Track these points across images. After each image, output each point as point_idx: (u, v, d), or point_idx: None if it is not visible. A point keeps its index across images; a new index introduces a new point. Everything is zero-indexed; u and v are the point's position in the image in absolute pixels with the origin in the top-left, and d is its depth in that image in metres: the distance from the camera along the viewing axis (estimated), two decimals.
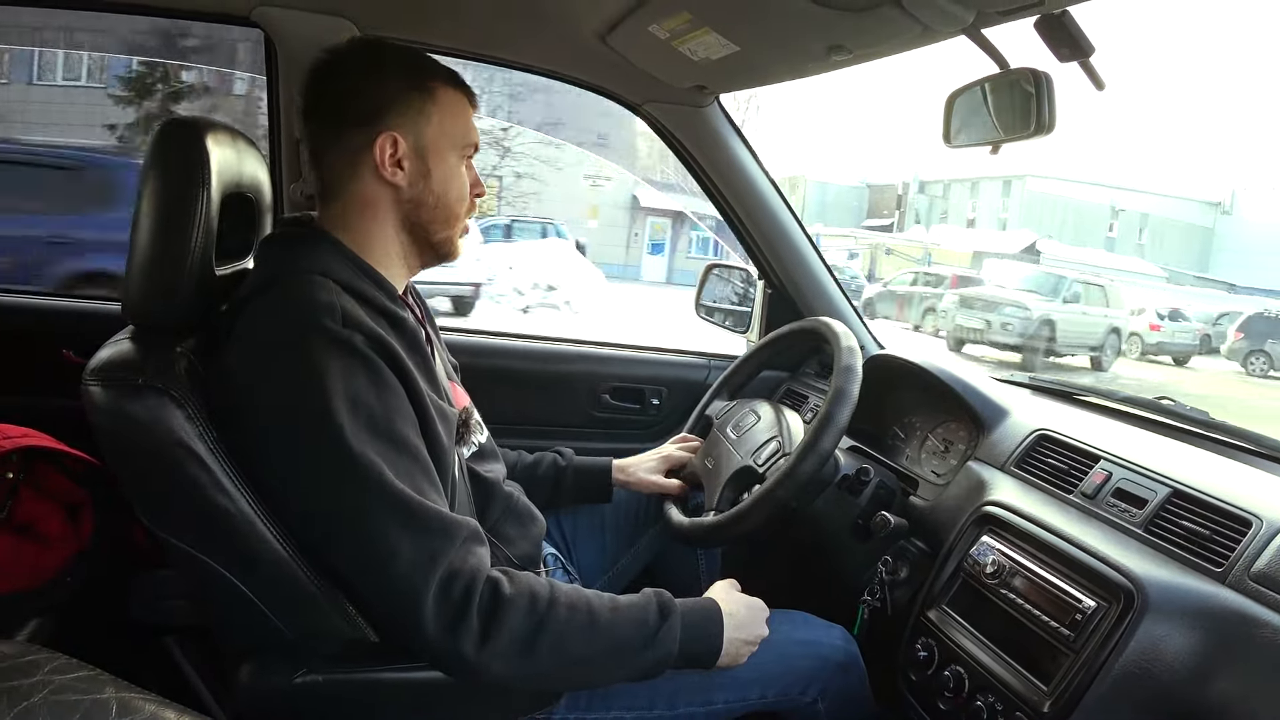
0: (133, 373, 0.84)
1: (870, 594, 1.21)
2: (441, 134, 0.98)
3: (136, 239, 0.90)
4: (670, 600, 0.96)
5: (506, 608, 0.85)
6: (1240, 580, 0.88)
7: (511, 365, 1.77)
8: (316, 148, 0.98)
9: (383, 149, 0.95)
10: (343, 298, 0.89)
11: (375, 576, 0.85)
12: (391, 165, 0.96)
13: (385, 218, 0.99)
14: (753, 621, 1.03)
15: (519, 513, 1.15)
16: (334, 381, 0.84)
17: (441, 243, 1.02)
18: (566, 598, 0.89)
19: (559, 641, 0.87)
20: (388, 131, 0.95)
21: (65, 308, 1.62)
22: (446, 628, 0.83)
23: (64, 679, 0.40)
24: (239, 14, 1.37)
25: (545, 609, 0.87)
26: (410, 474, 0.87)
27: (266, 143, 1.44)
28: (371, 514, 0.83)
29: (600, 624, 0.90)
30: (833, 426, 1.14)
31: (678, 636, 0.93)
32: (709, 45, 1.24)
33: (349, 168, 0.97)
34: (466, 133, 1.01)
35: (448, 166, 0.99)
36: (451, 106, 0.99)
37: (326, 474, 0.84)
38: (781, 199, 1.69)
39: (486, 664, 0.84)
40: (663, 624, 0.93)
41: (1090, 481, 1.11)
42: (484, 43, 1.50)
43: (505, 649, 0.84)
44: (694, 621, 0.96)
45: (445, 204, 1.00)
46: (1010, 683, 0.95)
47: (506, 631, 0.84)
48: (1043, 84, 0.99)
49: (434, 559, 0.83)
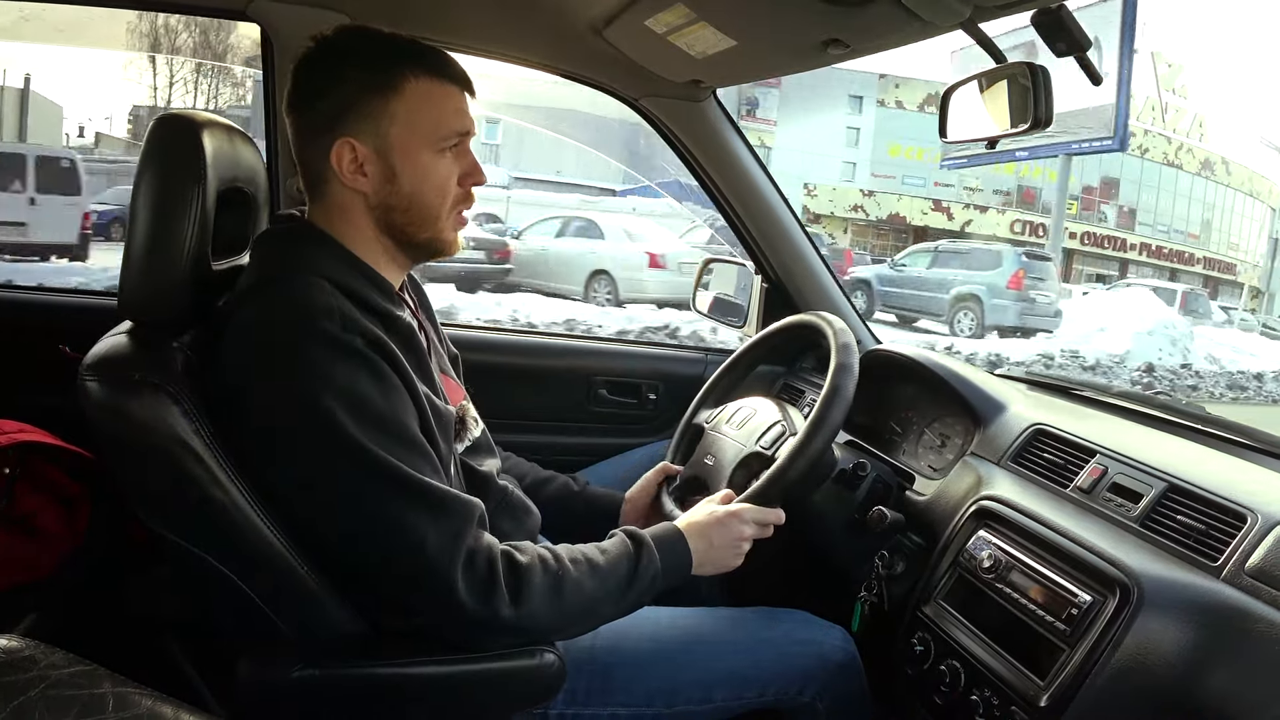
0: (129, 368, 0.84)
1: (867, 589, 1.21)
2: (410, 132, 0.93)
3: (133, 234, 0.89)
4: (636, 530, 1.03)
5: (527, 571, 0.90)
6: (1236, 575, 0.88)
7: (508, 360, 1.76)
8: (296, 145, 0.96)
9: (339, 157, 0.92)
10: (341, 299, 0.88)
11: (407, 565, 0.86)
12: (352, 172, 0.93)
13: (361, 221, 0.96)
14: (718, 533, 1.08)
15: (514, 506, 1.14)
16: (338, 384, 0.84)
17: (426, 242, 0.99)
18: (568, 554, 0.96)
19: (577, 588, 0.93)
20: (344, 138, 0.92)
21: (62, 303, 1.62)
22: (482, 599, 0.87)
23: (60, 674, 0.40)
24: (235, 8, 1.36)
25: (556, 566, 0.93)
26: (420, 467, 0.88)
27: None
28: (396, 508, 0.85)
29: (600, 568, 0.96)
30: (840, 399, 1.15)
31: (656, 558, 1.00)
32: (706, 39, 1.23)
33: (318, 171, 0.95)
34: (445, 124, 0.95)
35: (418, 164, 0.94)
36: (422, 99, 0.94)
37: (340, 474, 0.85)
38: (778, 193, 1.69)
39: (528, 621, 0.90)
40: (641, 551, 1.00)
41: (1086, 476, 1.11)
42: (481, 37, 1.50)
43: (538, 605, 0.90)
44: (661, 539, 1.03)
45: (420, 204, 0.96)
46: (1006, 677, 0.96)
47: (535, 590, 0.90)
48: (1039, 78, 0.99)
49: (457, 538, 0.87)
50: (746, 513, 1.10)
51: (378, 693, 0.90)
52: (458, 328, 1.79)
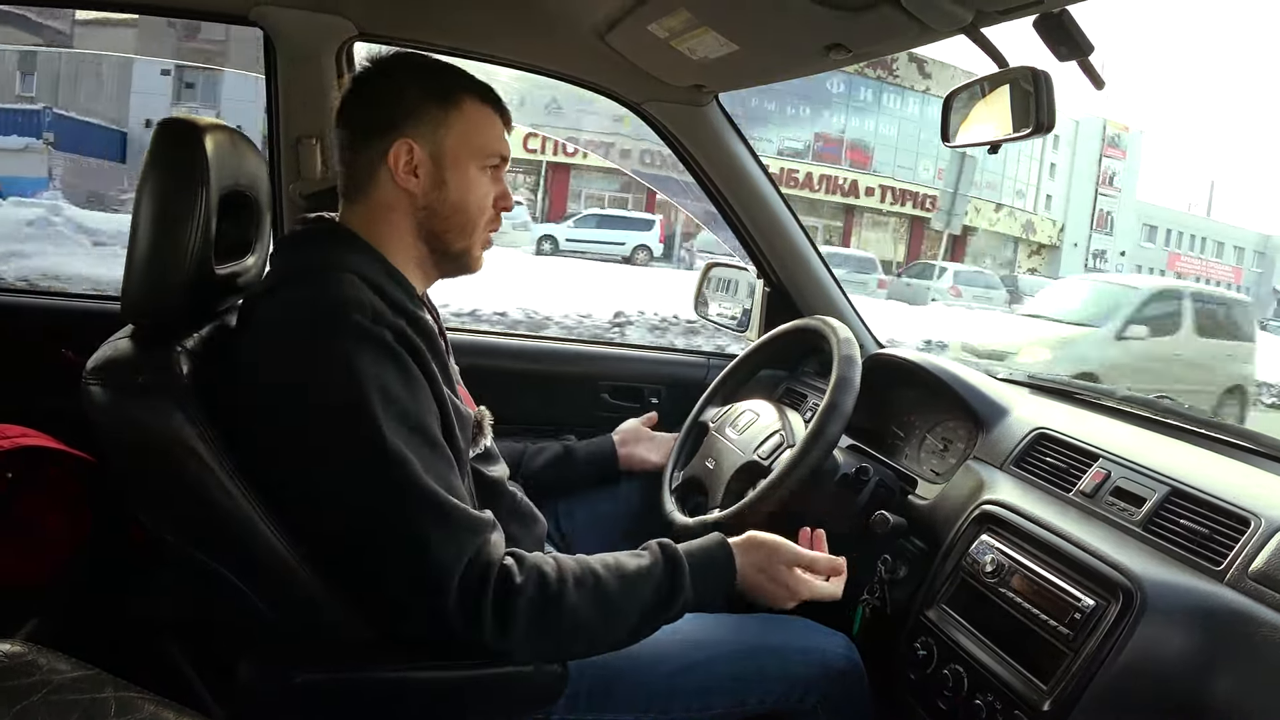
0: (132, 372, 0.84)
1: (869, 593, 1.21)
2: (462, 144, 1.00)
3: (135, 238, 0.90)
4: (675, 553, 0.97)
5: (517, 595, 0.87)
6: (1239, 579, 0.88)
7: (512, 365, 1.77)
8: (344, 149, 1.01)
9: (397, 155, 0.98)
10: (370, 294, 0.90)
11: (403, 570, 0.86)
12: (406, 171, 0.98)
13: (402, 223, 1.00)
14: (769, 559, 1.02)
15: (521, 513, 1.15)
16: (367, 376, 0.85)
17: (460, 253, 1.04)
18: (574, 575, 0.91)
19: (572, 618, 0.90)
20: (404, 138, 0.98)
21: (65, 307, 1.62)
22: (468, 620, 0.86)
23: (62, 678, 0.40)
24: (238, 13, 1.37)
25: (555, 590, 0.89)
26: (439, 469, 0.89)
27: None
28: (404, 508, 0.85)
29: (611, 594, 0.92)
30: (838, 414, 1.16)
31: (688, 585, 0.95)
32: (708, 44, 1.24)
33: (369, 171, 0.99)
34: (491, 145, 1.02)
35: (466, 176, 1.01)
36: (477, 119, 1.01)
37: (360, 467, 0.86)
38: (780, 198, 1.69)
39: (508, 650, 0.88)
40: (672, 579, 0.95)
41: (1089, 480, 1.11)
42: (484, 41, 1.50)
43: (522, 634, 0.87)
44: (701, 563, 0.98)
45: (462, 213, 1.01)
46: (1009, 681, 0.95)
47: (521, 617, 0.87)
48: (1041, 83, 0.99)
49: (459, 554, 0.86)
50: (820, 564, 1.05)
51: (378, 696, 0.90)
52: (463, 333, 1.79)
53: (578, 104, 14.25)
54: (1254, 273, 38.33)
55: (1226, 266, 37.36)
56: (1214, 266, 36.47)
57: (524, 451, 1.39)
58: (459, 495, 0.90)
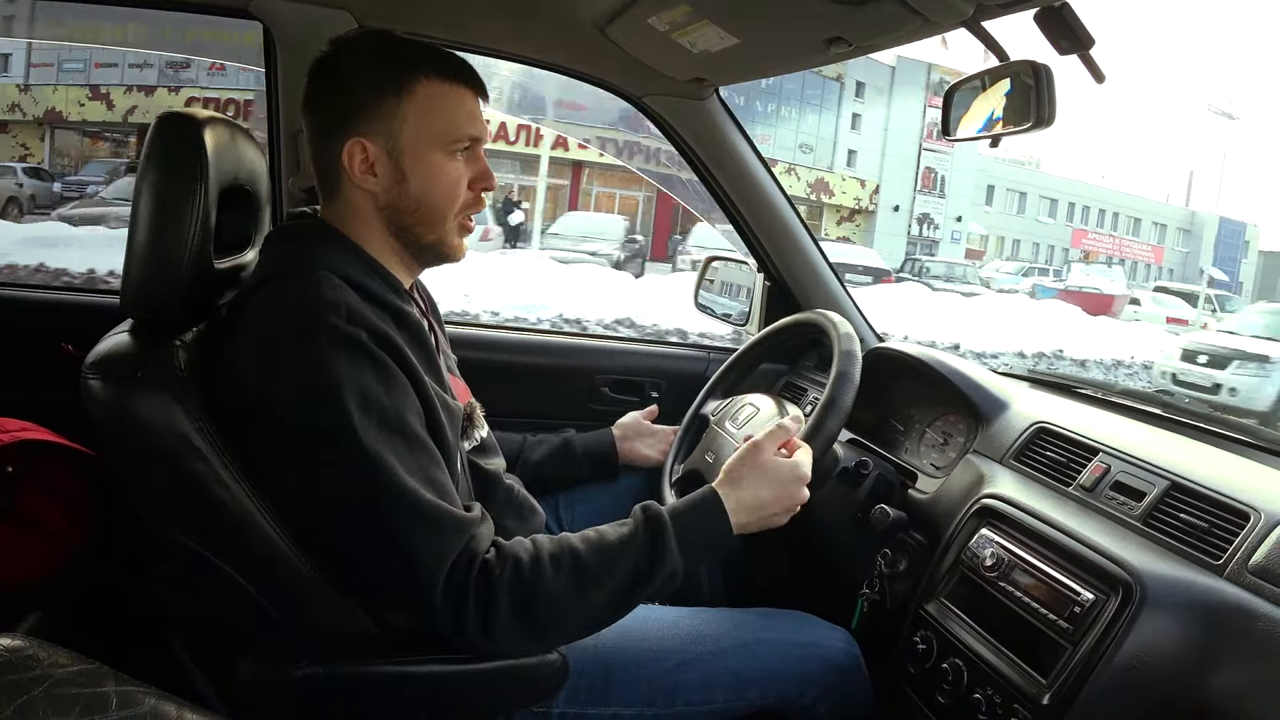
0: (132, 366, 0.84)
1: (869, 587, 1.21)
2: (420, 134, 0.95)
3: (135, 232, 0.90)
4: (657, 514, 0.95)
5: (498, 593, 0.86)
6: (1239, 573, 0.88)
7: (510, 358, 1.76)
8: (311, 144, 0.98)
9: (351, 156, 0.94)
10: (348, 294, 0.89)
11: (389, 572, 0.86)
12: (363, 171, 0.95)
13: (371, 221, 0.98)
14: (774, 495, 1.00)
15: (519, 505, 1.15)
16: (342, 379, 0.84)
17: (432, 245, 1.00)
18: (551, 556, 0.90)
19: (555, 603, 0.89)
20: (355, 138, 0.94)
21: (64, 301, 1.62)
22: (454, 619, 0.86)
23: (64, 673, 0.40)
24: (237, 6, 1.36)
25: (531, 579, 0.87)
26: (422, 467, 0.88)
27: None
28: (384, 511, 0.85)
29: (590, 569, 0.90)
30: (837, 409, 1.16)
31: (673, 546, 0.93)
32: (708, 37, 1.23)
33: (333, 169, 0.96)
34: (455, 128, 0.96)
35: (428, 166, 0.96)
36: (434, 102, 0.95)
37: (340, 471, 0.85)
38: (781, 192, 1.69)
39: (497, 646, 0.88)
40: (654, 541, 0.93)
41: (1089, 474, 1.11)
42: (484, 34, 1.49)
43: (507, 634, 0.87)
44: (688, 519, 0.96)
45: (428, 206, 0.97)
46: (1009, 675, 0.96)
47: (503, 616, 0.86)
48: (1042, 77, 0.99)
49: (443, 555, 0.85)
50: (801, 456, 1.04)
51: (379, 691, 0.91)
52: (461, 326, 1.79)
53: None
54: (1178, 252, 36.28)
55: (1145, 245, 35.74)
56: (1129, 244, 34.89)
57: (523, 444, 1.39)
58: (445, 492, 0.89)
